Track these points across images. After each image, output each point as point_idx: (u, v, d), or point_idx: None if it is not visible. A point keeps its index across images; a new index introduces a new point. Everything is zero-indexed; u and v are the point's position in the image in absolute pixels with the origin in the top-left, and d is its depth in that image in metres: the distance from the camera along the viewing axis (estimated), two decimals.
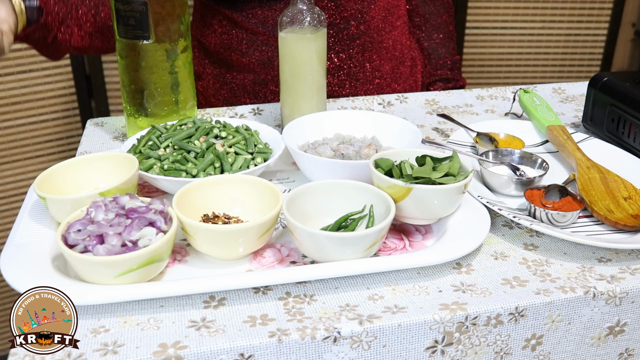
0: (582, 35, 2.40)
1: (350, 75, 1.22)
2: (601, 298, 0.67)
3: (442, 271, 0.70)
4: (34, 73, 1.93)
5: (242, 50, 1.20)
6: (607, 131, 0.99)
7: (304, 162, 0.84)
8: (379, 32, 1.23)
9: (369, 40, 1.21)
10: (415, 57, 1.35)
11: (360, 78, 1.23)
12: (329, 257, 0.67)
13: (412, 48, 1.34)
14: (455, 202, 0.74)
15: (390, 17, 1.25)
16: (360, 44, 1.21)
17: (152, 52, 0.92)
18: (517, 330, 0.65)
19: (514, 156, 0.90)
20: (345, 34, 1.19)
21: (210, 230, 0.67)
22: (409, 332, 0.62)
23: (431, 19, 1.38)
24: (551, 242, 0.76)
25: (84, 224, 0.65)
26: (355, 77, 1.23)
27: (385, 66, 1.26)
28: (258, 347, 0.59)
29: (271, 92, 1.21)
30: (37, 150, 2.01)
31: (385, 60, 1.25)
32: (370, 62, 1.23)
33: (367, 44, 1.22)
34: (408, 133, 0.90)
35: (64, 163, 0.79)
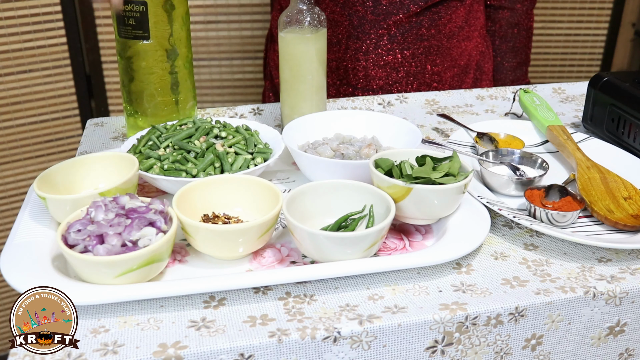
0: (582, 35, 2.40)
1: (409, 74, 1.23)
2: (601, 298, 0.67)
3: (442, 271, 0.70)
4: (34, 73, 1.93)
5: None
6: (607, 131, 0.99)
7: (304, 162, 0.84)
8: (449, 39, 1.23)
9: (437, 44, 1.22)
10: (485, 71, 1.35)
11: (418, 78, 1.24)
12: (329, 257, 0.67)
13: (483, 63, 1.34)
14: (455, 202, 0.74)
15: (466, 28, 1.26)
16: (428, 46, 1.21)
17: (152, 52, 0.92)
18: (517, 330, 0.65)
19: (514, 156, 0.90)
20: (415, 33, 1.20)
21: (210, 230, 0.67)
22: (409, 332, 0.62)
23: (509, 42, 1.38)
24: (551, 242, 0.75)
25: (84, 224, 0.65)
26: (414, 77, 1.24)
27: (447, 73, 1.26)
28: (258, 347, 0.59)
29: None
30: (37, 150, 2.01)
31: (448, 67, 1.26)
32: (433, 66, 1.24)
33: (433, 47, 1.22)
34: (408, 133, 0.90)
35: (64, 163, 0.79)
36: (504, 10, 1.35)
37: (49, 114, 2.00)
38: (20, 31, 1.87)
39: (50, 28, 1.92)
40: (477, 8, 1.29)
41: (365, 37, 1.19)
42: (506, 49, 1.38)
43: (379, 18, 1.18)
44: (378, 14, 1.18)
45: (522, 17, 1.36)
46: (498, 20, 1.36)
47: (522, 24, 1.36)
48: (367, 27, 1.19)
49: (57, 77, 1.98)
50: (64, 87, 2.00)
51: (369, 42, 1.20)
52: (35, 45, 1.91)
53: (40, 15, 1.89)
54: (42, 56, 1.93)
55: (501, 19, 1.35)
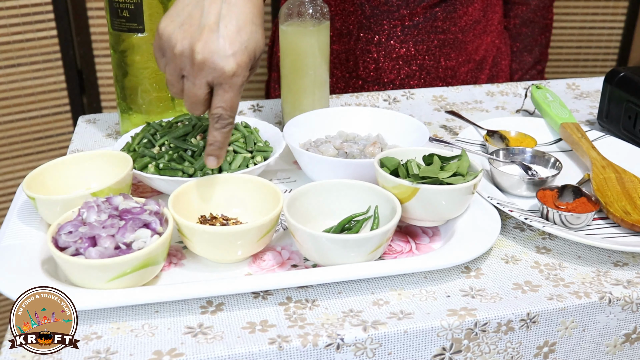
0: (598, 28, 2.39)
1: (422, 68, 1.23)
2: (617, 304, 0.67)
3: (450, 275, 0.70)
4: (23, 67, 1.94)
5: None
6: (623, 129, 0.99)
7: (306, 160, 0.84)
8: (465, 33, 1.24)
9: (452, 37, 1.22)
10: (502, 68, 1.35)
11: (431, 72, 1.25)
12: (332, 261, 0.67)
13: (499, 59, 1.34)
14: (464, 203, 0.74)
15: (483, 21, 1.26)
16: (442, 39, 1.21)
17: (147, 46, 0.92)
18: (528, 338, 0.65)
19: (525, 155, 0.90)
20: (430, 25, 1.20)
21: (207, 232, 0.67)
22: (415, 339, 0.62)
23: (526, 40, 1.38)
24: (565, 245, 0.76)
25: (76, 226, 0.65)
26: (427, 71, 1.24)
27: (462, 68, 1.27)
28: (257, 355, 0.59)
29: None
30: (26, 149, 2.01)
31: (463, 62, 1.26)
32: (447, 60, 1.24)
33: (448, 41, 1.22)
34: (415, 131, 0.90)
35: (55, 162, 0.79)
36: (520, 6, 1.34)
37: (39, 110, 2.00)
38: (8, 23, 1.88)
39: (40, 20, 1.92)
40: (495, 2, 1.29)
41: (377, 27, 1.19)
42: (521, 47, 1.38)
43: (392, 9, 1.18)
44: (392, 5, 1.18)
45: (539, 14, 1.35)
46: (514, 17, 1.36)
47: (539, 21, 1.36)
48: (380, 18, 1.19)
49: (47, 72, 1.99)
50: (54, 82, 2.01)
51: (381, 33, 1.20)
52: (24, 38, 1.91)
53: (29, 6, 1.89)
54: (31, 50, 1.93)
55: (517, 15, 1.35)
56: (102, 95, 2.11)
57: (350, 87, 1.27)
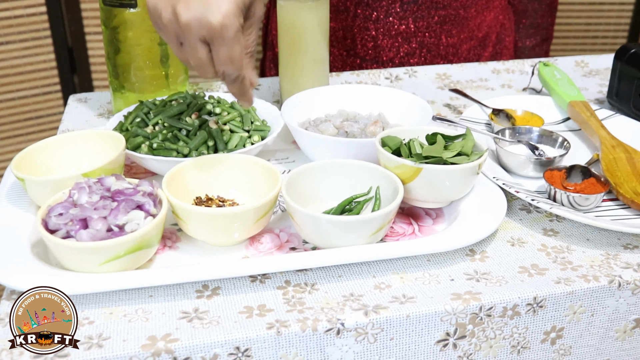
0: (608, 3, 2.38)
1: (422, 45, 1.23)
2: (627, 288, 0.67)
3: (454, 258, 0.70)
4: (11, 45, 1.93)
5: None
6: (634, 107, 0.99)
7: (305, 140, 0.84)
8: (467, 9, 1.22)
9: (453, 13, 1.21)
10: (505, 45, 1.33)
11: (432, 50, 1.24)
12: (332, 243, 0.67)
13: (503, 36, 1.33)
14: (468, 183, 0.74)
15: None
16: (443, 15, 1.20)
17: (139, 22, 0.91)
18: (535, 323, 0.65)
19: (532, 134, 0.89)
20: (430, 0, 1.19)
21: (203, 214, 0.67)
22: (418, 323, 0.62)
23: (530, 17, 1.37)
24: (573, 227, 0.75)
25: (66, 207, 0.65)
26: (427, 48, 1.23)
27: (464, 45, 1.26)
28: (255, 340, 0.59)
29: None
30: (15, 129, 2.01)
31: (465, 39, 1.25)
32: (448, 37, 1.23)
33: (449, 17, 1.21)
34: (417, 109, 0.90)
35: (44, 142, 0.79)
36: None
37: (28, 89, 2.00)
38: None
39: None
40: None
41: (375, 4, 1.18)
42: (527, 24, 1.36)
43: None
44: None
45: None
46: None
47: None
48: None
49: (36, 50, 1.98)
50: (44, 61, 2.00)
51: (380, 9, 1.19)
52: (12, 15, 1.90)
53: None
54: (19, 27, 1.92)
55: None
56: (94, 74, 2.11)
57: (347, 66, 1.26)
